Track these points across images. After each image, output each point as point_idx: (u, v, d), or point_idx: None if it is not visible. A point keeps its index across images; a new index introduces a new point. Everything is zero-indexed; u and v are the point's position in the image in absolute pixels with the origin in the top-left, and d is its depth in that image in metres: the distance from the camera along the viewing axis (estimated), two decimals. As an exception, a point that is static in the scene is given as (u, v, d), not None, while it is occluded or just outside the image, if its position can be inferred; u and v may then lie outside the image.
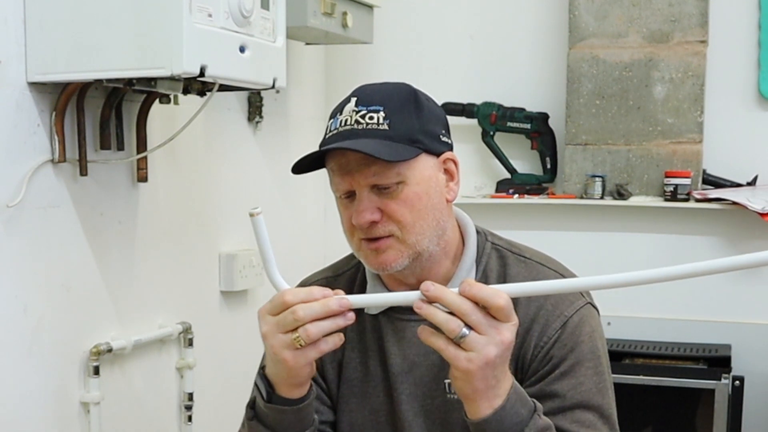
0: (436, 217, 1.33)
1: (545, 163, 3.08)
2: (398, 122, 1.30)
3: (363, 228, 1.30)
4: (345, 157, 1.29)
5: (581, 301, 1.37)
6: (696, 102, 2.89)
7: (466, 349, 1.14)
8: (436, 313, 1.16)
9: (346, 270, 1.50)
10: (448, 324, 1.14)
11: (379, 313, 1.41)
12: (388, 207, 1.30)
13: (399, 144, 1.28)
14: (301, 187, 2.99)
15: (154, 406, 2.26)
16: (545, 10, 3.09)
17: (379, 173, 1.28)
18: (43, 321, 1.88)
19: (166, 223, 2.28)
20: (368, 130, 1.29)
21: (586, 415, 1.30)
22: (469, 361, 1.14)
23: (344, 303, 1.19)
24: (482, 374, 1.15)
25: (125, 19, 1.71)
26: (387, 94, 1.32)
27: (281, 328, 1.19)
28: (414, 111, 1.32)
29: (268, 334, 1.21)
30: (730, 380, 2.66)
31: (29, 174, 1.81)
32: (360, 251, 1.34)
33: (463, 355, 1.14)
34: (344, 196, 1.32)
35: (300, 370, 1.22)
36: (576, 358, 1.32)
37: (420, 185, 1.31)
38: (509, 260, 1.41)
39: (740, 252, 2.93)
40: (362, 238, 1.32)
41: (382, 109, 1.30)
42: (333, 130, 1.32)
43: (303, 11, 2.44)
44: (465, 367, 1.14)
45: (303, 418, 1.29)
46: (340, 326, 1.20)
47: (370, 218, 1.29)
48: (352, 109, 1.31)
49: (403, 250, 1.31)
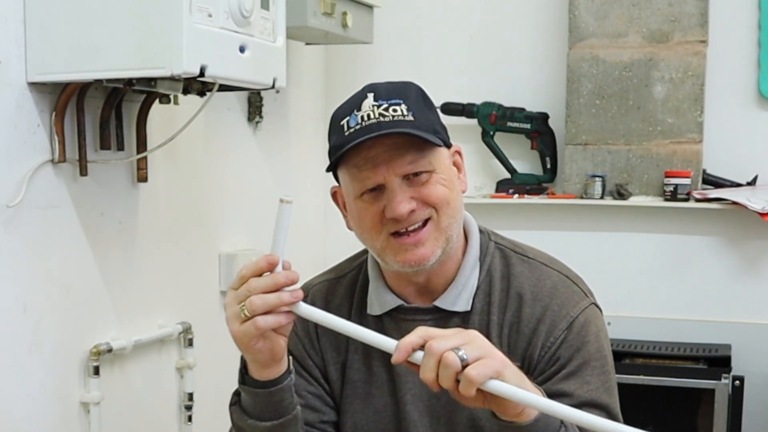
0: (460, 205, 1.35)
1: (545, 163, 3.08)
2: (419, 114, 1.30)
3: (403, 218, 1.29)
4: (374, 150, 1.28)
5: (586, 302, 1.37)
6: (696, 102, 2.89)
7: (476, 360, 1.10)
8: (428, 364, 1.11)
9: (348, 272, 1.49)
10: (447, 367, 1.09)
11: (383, 314, 1.41)
12: (422, 193, 1.29)
13: (427, 133, 1.29)
14: (301, 187, 2.99)
15: (154, 406, 2.26)
16: (545, 10, 3.09)
17: (414, 161, 1.28)
18: (43, 321, 1.88)
19: (166, 223, 2.28)
20: (396, 122, 1.28)
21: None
22: (492, 358, 1.10)
23: (292, 277, 1.19)
24: (509, 365, 1.13)
25: (125, 19, 1.71)
26: (401, 89, 1.33)
27: (237, 299, 1.20)
28: (426, 106, 1.34)
29: (226, 305, 1.23)
30: (730, 380, 2.66)
31: (29, 174, 1.81)
32: (388, 249, 1.32)
33: (487, 362, 1.10)
34: (369, 191, 1.30)
35: (249, 344, 1.22)
36: (583, 357, 1.32)
37: (446, 174, 1.32)
38: (512, 260, 1.41)
39: (740, 251, 2.94)
40: (393, 233, 1.30)
41: (402, 102, 1.30)
42: (354, 126, 1.29)
43: (303, 11, 2.44)
44: (499, 366, 1.10)
45: (276, 404, 1.28)
46: (285, 302, 1.18)
47: (409, 207, 1.28)
48: (372, 104, 1.30)
49: (439, 237, 1.31)
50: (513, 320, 1.35)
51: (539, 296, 1.36)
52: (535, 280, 1.37)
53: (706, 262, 2.97)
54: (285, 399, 1.29)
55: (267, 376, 1.27)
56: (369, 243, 1.35)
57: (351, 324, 1.21)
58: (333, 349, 1.43)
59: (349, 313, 1.43)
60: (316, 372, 1.42)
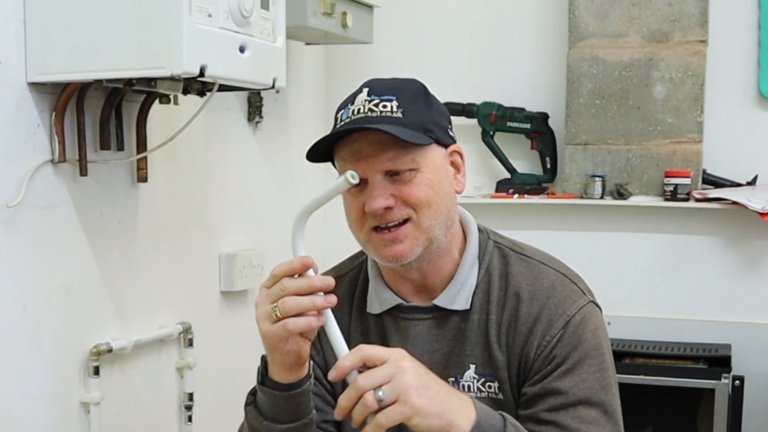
0: (447, 206, 1.34)
1: (545, 163, 3.08)
2: (410, 112, 1.31)
3: (377, 215, 1.30)
4: (358, 144, 1.29)
5: (583, 300, 1.37)
6: (696, 102, 2.89)
7: (392, 403, 1.14)
8: (355, 412, 1.16)
9: (349, 271, 1.49)
10: (365, 406, 1.14)
11: (383, 312, 1.41)
12: (402, 192, 1.30)
13: (413, 131, 1.29)
14: (301, 187, 2.99)
15: (154, 406, 2.26)
16: (545, 10, 3.09)
17: (394, 158, 1.29)
18: (43, 321, 1.88)
19: (166, 223, 2.28)
20: (382, 117, 1.29)
21: (589, 412, 1.30)
22: (406, 403, 1.14)
23: (328, 282, 1.20)
24: (428, 400, 1.16)
25: (125, 19, 1.71)
26: (398, 86, 1.34)
27: (269, 298, 1.20)
28: (424, 103, 1.34)
29: (257, 304, 1.22)
30: (730, 380, 2.66)
31: (29, 174, 1.81)
32: (369, 243, 1.33)
33: (398, 407, 1.14)
34: (354, 184, 1.31)
35: (277, 345, 1.21)
36: (579, 355, 1.32)
37: (432, 173, 1.32)
38: (511, 259, 1.41)
39: (740, 251, 2.94)
40: (373, 227, 1.31)
41: (395, 98, 1.31)
42: (345, 119, 1.32)
43: (303, 11, 2.44)
44: (411, 411, 1.15)
45: (295, 408, 1.28)
46: (318, 306, 1.19)
47: (384, 203, 1.29)
48: (365, 99, 1.32)
49: (419, 236, 1.31)
50: (511, 319, 1.36)
51: (537, 295, 1.36)
52: (533, 279, 1.37)
53: (706, 262, 2.97)
54: (303, 403, 1.29)
55: (288, 379, 1.27)
56: (355, 236, 1.37)
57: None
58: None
59: (349, 311, 1.44)
60: (318, 372, 1.42)
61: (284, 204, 2.90)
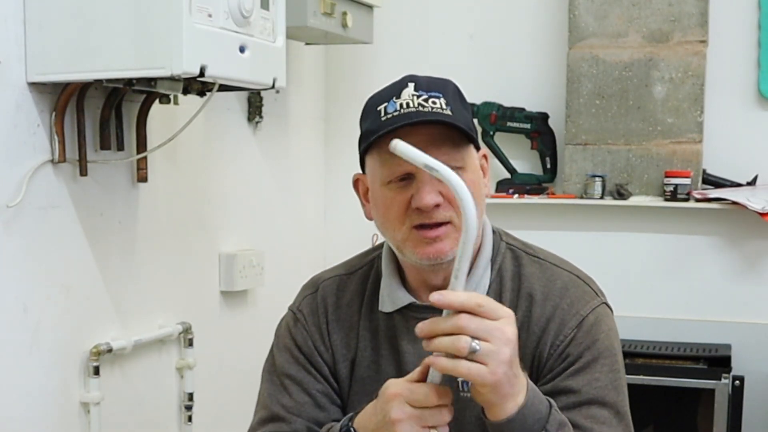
0: (483, 209, 1.34)
1: (545, 163, 3.08)
2: (457, 111, 1.29)
3: (427, 210, 1.27)
4: (410, 138, 1.23)
5: (597, 301, 1.37)
6: (696, 102, 2.89)
7: (480, 362, 1.11)
8: (440, 340, 1.12)
9: (360, 268, 1.47)
10: (455, 344, 1.11)
11: (394, 311, 1.40)
12: (450, 193, 1.26)
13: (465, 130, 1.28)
14: (301, 187, 2.99)
15: (154, 406, 2.26)
16: (545, 10, 3.09)
17: (449, 154, 1.26)
18: (43, 321, 1.88)
19: (166, 223, 2.28)
20: (435, 113, 1.27)
21: (601, 412, 1.29)
22: (492, 373, 1.11)
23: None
24: (506, 378, 1.13)
25: (125, 19, 1.72)
26: (441, 84, 1.32)
27: (422, 422, 1.17)
28: (462, 104, 1.33)
29: (403, 420, 1.18)
30: (730, 380, 2.66)
31: (29, 174, 1.81)
32: (408, 240, 1.31)
33: (485, 369, 1.11)
34: (397, 179, 1.29)
35: None
36: (592, 355, 1.31)
37: (474, 174, 1.31)
38: (524, 260, 1.40)
39: (740, 251, 2.94)
40: (416, 225, 1.29)
41: (442, 95, 1.29)
42: (392, 112, 1.28)
43: (303, 11, 2.44)
44: (491, 380, 1.12)
45: None
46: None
47: (436, 200, 1.26)
48: (412, 93, 1.29)
49: (458, 238, 1.29)
50: (523, 320, 1.35)
51: (550, 296, 1.35)
52: (545, 281, 1.37)
53: (706, 262, 2.97)
54: None
55: None
56: (390, 233, 1.33)
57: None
58: (343, 345, 1.42)
59: (359, 309, 1.42)
60: (325, 370, 1.41)
61: (284, 204, 2.90)
